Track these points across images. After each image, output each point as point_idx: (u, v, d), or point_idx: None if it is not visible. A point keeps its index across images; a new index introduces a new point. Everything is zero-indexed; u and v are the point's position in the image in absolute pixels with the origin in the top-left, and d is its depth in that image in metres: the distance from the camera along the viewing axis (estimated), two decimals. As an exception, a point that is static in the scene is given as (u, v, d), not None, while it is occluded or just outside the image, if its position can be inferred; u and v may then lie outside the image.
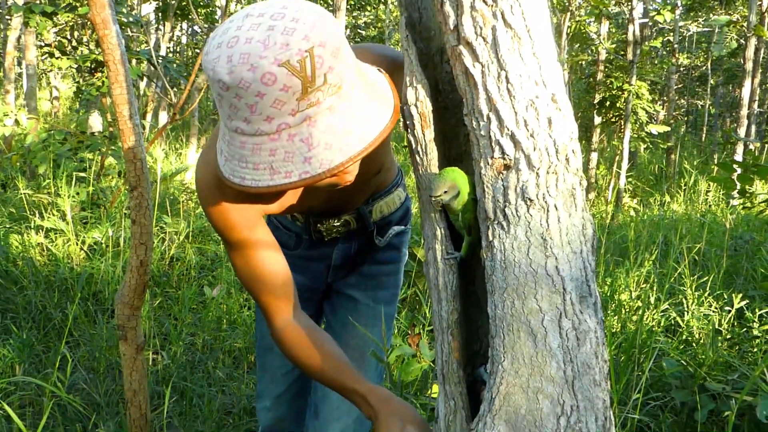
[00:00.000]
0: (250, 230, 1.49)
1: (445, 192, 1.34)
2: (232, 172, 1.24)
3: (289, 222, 1.87)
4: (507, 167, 1.27)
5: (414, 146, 1.40)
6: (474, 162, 1.32)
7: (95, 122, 9.14)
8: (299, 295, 1.71)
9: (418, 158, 1.40)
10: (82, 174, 5.77)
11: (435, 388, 2.71)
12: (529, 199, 1.25)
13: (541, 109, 1.26)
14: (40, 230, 4.92)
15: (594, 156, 12.74)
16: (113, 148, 6.26)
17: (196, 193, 7.36)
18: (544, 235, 1.25)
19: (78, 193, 5.39)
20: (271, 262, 1.53)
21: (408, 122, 1.40)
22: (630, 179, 12.90)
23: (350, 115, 1.21)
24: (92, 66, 6.58)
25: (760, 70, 13.50)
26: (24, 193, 5.82)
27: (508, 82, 1.25)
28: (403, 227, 1.95)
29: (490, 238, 1.28)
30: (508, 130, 1.26)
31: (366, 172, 1.61)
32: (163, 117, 14.91)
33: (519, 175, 1.26)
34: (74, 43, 7.79)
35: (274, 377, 1.99)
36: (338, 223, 1.84)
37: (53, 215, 5.19)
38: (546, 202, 1.25)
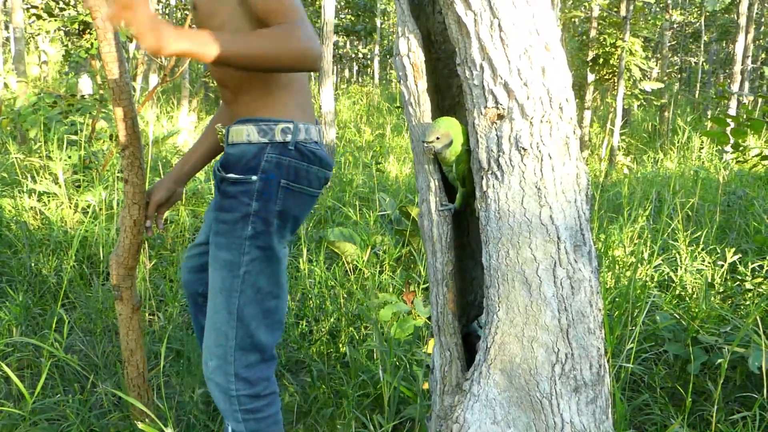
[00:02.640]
0: None
1: (438, 138, 1.33)
2: None
3: None
4: (500, 117, 1.26)
5: (407, 97, 1.39)
6: (467, 112, 1.31)
7: (85, 85, 9.05)
8: None
9: (410, 109, 1.39)
10: (74, 137, 5.73)
11: (431, 343, 2.73)
12: (523, 148, 1.24)
13: (534, 57, 1.25)
14: (33, 194, 4.90)
15: (587, 114, 12.70)
16: (104, 111, 6.20)
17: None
18: (538, 185, 1.25)
19: (70, 156, 5.35)
20: None
21: (400, 73, 1.39)
22: (623, 137, 12.88)
23: None
24: (80, 28, 6.50)
25: (754, 26, 13.42)
26: (15, 157, 5.78)
27: (501, 30, 1.24)
28: (238, 175, 1.85)
29: (484, 189, 1.28)
30: (501, 79, 1.24)
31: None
32: (154, 80, 14.78)
33: (512, 124, 1.25)
34: (61, 5, 7.68)
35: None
36: (221, 126, 1.97)
37: (45, 179, 5.17)
38: (540, 151, 1.24)
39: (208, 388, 1.94)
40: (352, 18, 20.49)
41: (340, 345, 3.18)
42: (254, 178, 1.82)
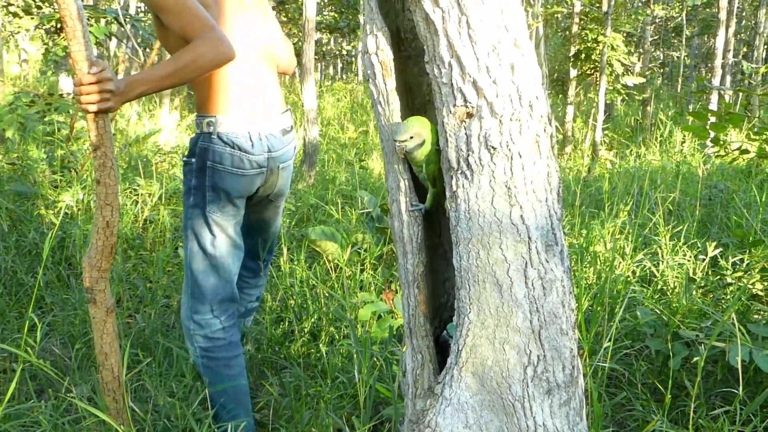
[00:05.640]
0: None
1: (411, 138, 1.31)
2: None
3: None
4: (470, 115, 1.24)
5: (375, 96, 1.37)
6: (436, 111, 1.29)
7: (66, 84, 8.96)
8: None
9: (380, 108, 1.37)
10: (49, 137, 5.66)
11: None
12: (493, 147, 1.22)
13: (503, 54, 1.22)
14: (9, 195, 4.84)
15: (570, 109, 12.72)
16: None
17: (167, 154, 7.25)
18: (508, 184, 1.22)
19: (48, 156, 5.29)
20: None
21: (369, 72, 1.36)
22: (606, 131, 12.92)
23: None
24: (57, 26, 6.42)
25: (735, 20, 13.49)
26: (-7, 158, 5.71)
27: (469, 27, 1.21)
28: (186, 158, 2.39)
29: (454, 188, 1.26)
30: (470, 76, 1.22)
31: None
32: (135, 78, 14.63)
33: (482, 122, 1.23)
34: (38, 3, 7.59)
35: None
36: None
37: (22, 179, 5.10)
38: (510, 149, 1.22)
39: None
40: (335, 15, 20.41)
41: (321, 345, 3.16)
42: (193, 160, 2.35)
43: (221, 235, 2.39)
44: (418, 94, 1.51)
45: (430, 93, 1.48)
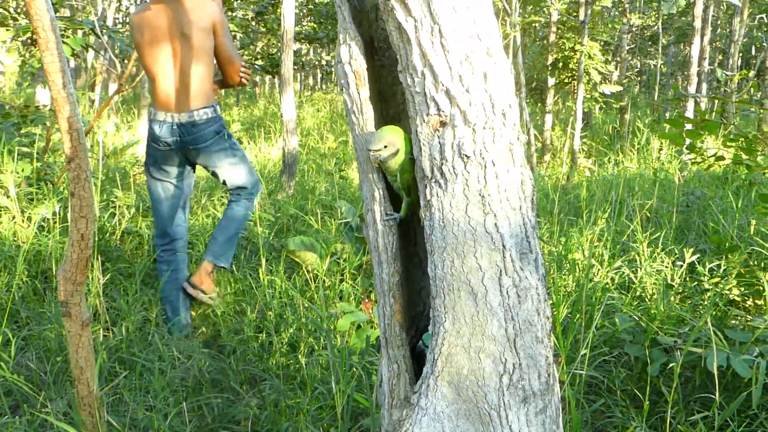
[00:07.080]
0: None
1: (385, 147, 1.31)
2: None
3: None
4: (443, 124, 1.24)
5: (349, 106, 1.36)
6: (410, 120, 1.29)
7: (43, 96, 8.89)
8: None
9: (354, 118, 1.37)
10: (25, 149, 5.60)
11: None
12: (466, 155, 1.22)
13: (476, 63, 1.23)
14: (-15, 208, 4.78)
15: (549, 117, 12.79)
16: (59, 122, 6.05)
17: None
18: (482, 192, 1.22)
19: (23, 169, 5.23)
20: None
21: (342, 81, 1.36)
22: (584, 139, 13.01)
23: None
24: (33, 37, 6.37)
25: (710, 29, 13.64)
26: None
27: (442, 36, 1.22)
28: None
29: (428, 197, 1.26)
30: (443, 85, 1.22)
31: None
32: (113, 89, 14.58)
33: (455, 131, 1.23)
34: (14, 15, 7.53)
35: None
36: None
37: (-3, 191, 5.04)
38: (483, 158, 1.22)
39: None
40: (314, 25, 20.40)
41: (300, 356, 3.14)
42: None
43: (151, 184, 3.69)
44: (392, 104, 1.51)
45: (404, 102, 1.48)
